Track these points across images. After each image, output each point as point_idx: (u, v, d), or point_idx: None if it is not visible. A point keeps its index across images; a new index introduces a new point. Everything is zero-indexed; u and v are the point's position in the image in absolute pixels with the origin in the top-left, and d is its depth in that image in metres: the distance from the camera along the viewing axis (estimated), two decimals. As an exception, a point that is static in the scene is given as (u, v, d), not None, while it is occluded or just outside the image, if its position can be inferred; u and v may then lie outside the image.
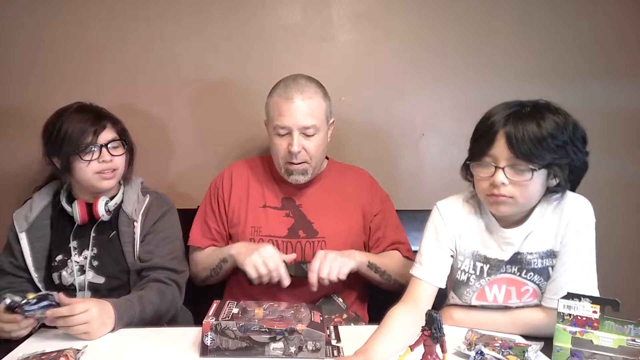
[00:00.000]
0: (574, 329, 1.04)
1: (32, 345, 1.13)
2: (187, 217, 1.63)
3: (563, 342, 1.05)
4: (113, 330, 1.21)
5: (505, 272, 1.24)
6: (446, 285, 1.30)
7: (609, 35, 1.93)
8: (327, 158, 1.65)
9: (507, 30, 1.92)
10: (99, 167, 1.41)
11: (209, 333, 1.08)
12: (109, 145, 1.42)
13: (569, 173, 1.17)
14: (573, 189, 1.24)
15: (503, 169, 1.12)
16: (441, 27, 1.92)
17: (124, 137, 1.48)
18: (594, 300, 1.03)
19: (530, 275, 1.22)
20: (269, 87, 1.54)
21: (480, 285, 1.26)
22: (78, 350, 1.09)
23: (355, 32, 1.93)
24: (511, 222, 1.23)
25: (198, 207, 1.66)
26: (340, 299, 1.46)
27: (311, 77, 1.54)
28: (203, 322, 1.09)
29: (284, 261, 1.41)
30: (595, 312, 1.03)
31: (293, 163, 1.49)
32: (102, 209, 1.44)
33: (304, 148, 1.47)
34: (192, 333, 1.18)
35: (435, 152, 1.97)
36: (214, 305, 1.18)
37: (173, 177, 1.94)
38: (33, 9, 1.84)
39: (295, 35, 1.90)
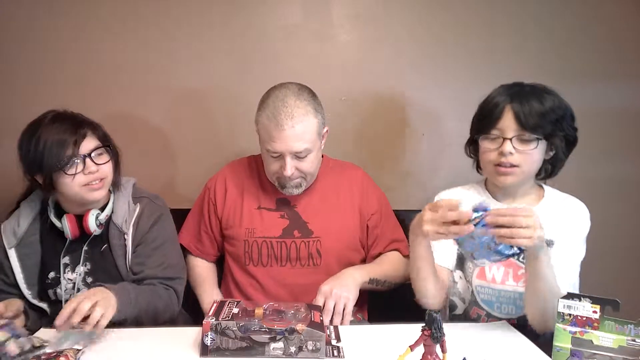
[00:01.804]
0: (574, 329, 1.04)
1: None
2: (183, 216, 1.63)
3: (563, 342, 1.05)
4: (119, 313, 1.18)
5: None
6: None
7: (608, 36, 1.93)
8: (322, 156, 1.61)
9: (507, 31, 1.92)
10: (85, 179, 1.31)
11: (209, 333, 1.08)
12: (92, 155, 1.32)
13: (564, 147, 1.31)
14: (560, 168, 1.35)
15: (510, 139, 1.25)
16: (441, 27, 1.92)
17: (106, 142, 1.38)
18: (594, 300, 1.03)
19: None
20: (269, 88, 1.53)
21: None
22: (78, 350, 1.08)
23: (355, 32, 1.93)
24: (506, 198, 1.36)
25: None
26: None
27: (301, 89, 1.46)
28: (203, 322, 1.09)
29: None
30: (595, 312, 1.03)
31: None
32: (93, 224, 1.35)
33: (297, 168, 1.44)
34: (192, 333, 1.18)
35: (435, 152, 1.97)
36: (214, 305, 1.18)
37: (172, 176, 1.95)
38: (35, 12, 1.85)
39: (295, 35, 1.90)
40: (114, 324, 1.19)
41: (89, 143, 1.32)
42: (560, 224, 1.28)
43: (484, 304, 1.33)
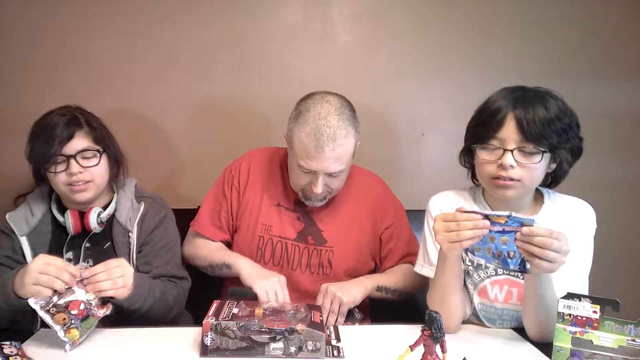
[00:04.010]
0: (574, 329, 1.04)
1: (38, 341, 1.13)
2: (186, 217, 1.63)
3: (563, 342, 1.05)
4: (133, 296, 1.21)
5: (510, 274, 1.26)
6: None
7: (609, 36, 1.93)
8: None
9: (508, 31, 1.92)
10: (67, 179, 1.31)
11: (209, 333, 1.08)
12: (78, 156, 1.31)
13: (569, 160, 1.21)
14: (562, 179, 1.26)
15: (512, 151, 1.14)
16: (441, 27, 1.92)
17: (102, 144, 1.36)
18: (594, 300, 1.03)
19: None
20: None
21: (480, 279, 1.28)
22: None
23: (355, 32, 1.93)
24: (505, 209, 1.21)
25: (198, 207, 1.66)
26: (357, 309, 1.43)
27: (343, 105, 1.39)
28: (203, 322, 1.09)
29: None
30: (595, 312, 1.03)
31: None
32: (94, 221, 1.36)
33: (326, 185, 1.41)
34: (192, 333, 1.18)
35: (435, 152, 1.97)
36: (214, 305, 1.18)
37: (172, 177, 1.95)
38: (33, 9, 1.85)
39: (295, 35, 1.90)
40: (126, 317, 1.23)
41: (77, 143, 1.32)
42: (566, 228, 1.18)
43: (486, 320, 1.29)
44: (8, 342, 1.09)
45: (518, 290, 1.24)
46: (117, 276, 1.16)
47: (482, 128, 1.19)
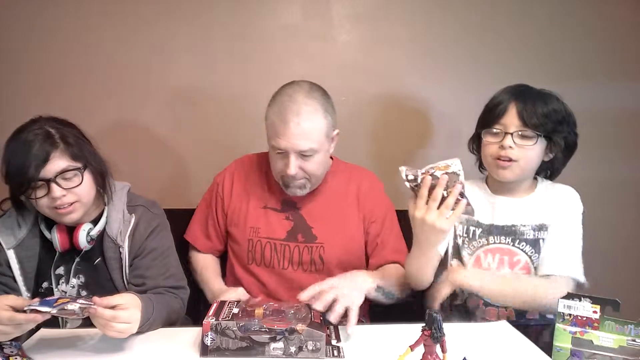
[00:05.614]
0: (574, 329, 1.04)
1: (38, 341, 1.14)
2: (184, 216, 1.63)
3: (563, 342, 1.05)
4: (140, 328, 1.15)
5: (500, 243, 1.39)
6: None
7: (609, 36, 1.93)
8: (331, 158, 1.58)
9: (508, 31, 1.92)
10: (50, 203, 1.21)
11: (209, 333, 1.08)
12: (58, 178, 1.20)
13: (563, 149, 1.37)
14: (558, 171, 1.43)
15: (512, 134, 1.32)
16: (441, 27, 1.92)
17: (82, 160, 1.25)
18: (594, 300, 1.03)
19: (523, 246, 1.38)
20: (269, 87, 1.52)
21: (474, 248, 1.41)
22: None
23: (355, 32, 1.93)
24: (504, 193, 1.42)
25: (196, 206, 1.66)
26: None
27: (313, 88, 1.44)
28: (203, 322, 1.09)
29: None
30: (595, 312, 1.03)
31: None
32: (83, 240, 1.28)
33: (301, 168, 1.42)
34: (192, 333, 1.18)
35: (436, 152, 1.97)
36: (214, 305, 1.18)
37: (175, 177, 1.95)
38: (35, 16, 1.85)
39: (295, 35, 1.91)
40: None
41: (55, 165, 1.20)
42: (553, 209, 1.37)
43: None
44: (8, 342, 1.09)
45: (509, 258, 1.38)
46: (117, 330, 1.08)
47: (488, 116, 1.37)
